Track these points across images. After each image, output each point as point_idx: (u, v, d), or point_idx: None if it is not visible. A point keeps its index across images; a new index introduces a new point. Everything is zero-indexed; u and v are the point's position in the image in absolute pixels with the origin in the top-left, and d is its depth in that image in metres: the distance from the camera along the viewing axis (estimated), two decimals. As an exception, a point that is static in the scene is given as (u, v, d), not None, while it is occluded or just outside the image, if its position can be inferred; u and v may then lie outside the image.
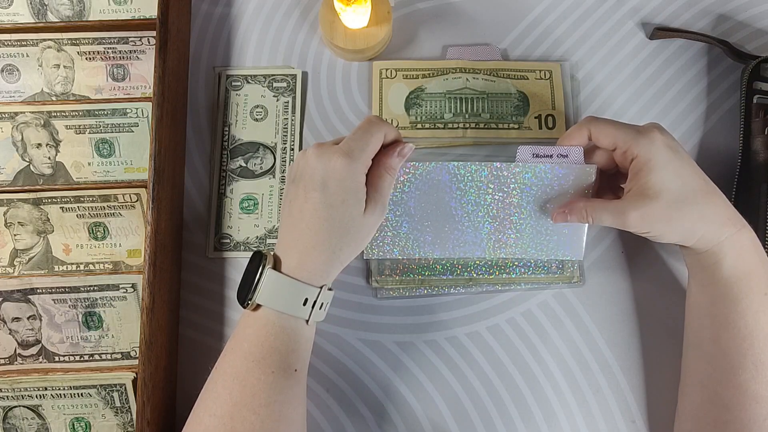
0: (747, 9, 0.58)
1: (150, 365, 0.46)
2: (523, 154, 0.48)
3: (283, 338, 0.42)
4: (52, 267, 0.52)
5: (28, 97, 0.55)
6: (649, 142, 0.43)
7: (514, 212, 0.50)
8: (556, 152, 0.48)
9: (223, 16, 0.59)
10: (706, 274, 0.44)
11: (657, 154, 0.42)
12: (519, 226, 0.50)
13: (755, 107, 0.52)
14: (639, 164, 0.43)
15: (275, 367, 0.41)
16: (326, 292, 0.43)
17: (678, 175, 0.42)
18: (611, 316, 0.51)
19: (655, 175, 0.42)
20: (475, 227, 0.50)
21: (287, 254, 0.43)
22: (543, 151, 0.48)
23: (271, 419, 0.40)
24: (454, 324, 0.52)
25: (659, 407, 0.49)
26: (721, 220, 0.43)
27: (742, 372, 0.42)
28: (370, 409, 0.50)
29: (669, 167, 0.42)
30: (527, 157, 0.48)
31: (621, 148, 0.45)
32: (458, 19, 0.59)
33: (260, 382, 0.41)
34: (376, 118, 0.45)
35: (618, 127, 0.45)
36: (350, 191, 0.42)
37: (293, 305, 0.42)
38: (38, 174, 0.53)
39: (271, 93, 0.56)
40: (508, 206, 0.50)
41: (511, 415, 0.50)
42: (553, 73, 0.56)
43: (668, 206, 0.42)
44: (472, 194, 0.50)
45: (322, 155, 0.42)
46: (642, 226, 0.43)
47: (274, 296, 0.42)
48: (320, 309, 0.43)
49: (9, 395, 0.48)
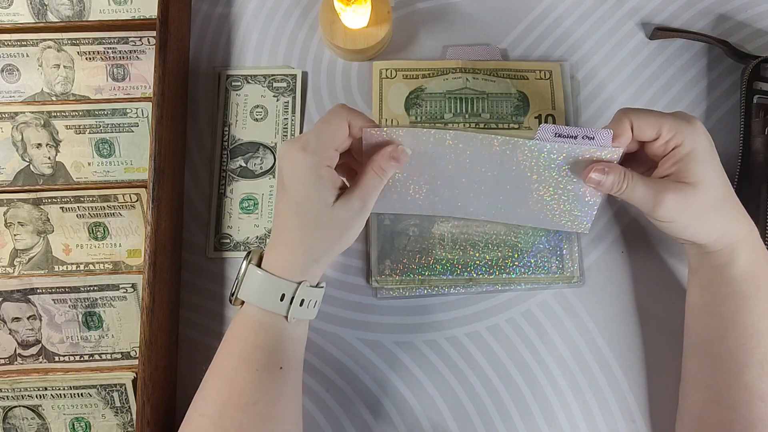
0: (747, 9, 0.58)
1: (150, 365, 0.46)
2: (544, 132, 0.43)
3: (265, 336, 0.42)
4: (52, 267, 0.52)
5: (28, 97, 0.55)
6: (696, 130, 0.42)
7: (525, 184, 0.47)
8: (581, 133, 0.43)
9: (223, 16, 0.59)
10: (714, 273, 0.44)
11: (702, 144, 0.42)
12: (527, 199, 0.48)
13: (755, 107, 0.52)
14: (681, 153, 0.42)
15: (259, 365, 0.41)
16: (308, 289, 0.43)
17: (714, 168, 0.42)
18: (611, 316, 0.51)
19: (699, 165, 0.42)
20: (484, 195, 0.48)
21: (270, 251, 0.44)
22: (566, 131, 0.43)
23: (260, 417, 0.41)
24: (454, 324, 0.52)
25: (659, 407, 0.49)
26: (738, 219, 0.43)
27: (748, 371, 0.42)
28: (369, 409, 0.50)
29: (709, 159, 0.42)
30: (548, 136, 0.43)
31: (665, 137, 0.42)
32: (458, 19, 0.59)
33: (246, 380, 0.41)
34: (339, 107, 0.43)
35: (661, 116, 0.43)
36: (310, 185, 0.42)
37: (270, 301, 0.42)
38: (38, 174, 0.53)
39: (271, 93, 0.56)
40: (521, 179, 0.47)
41: (511, 415, 0.50)
42: (553, 73, 0.56)
43: (704, 198, 0.42)
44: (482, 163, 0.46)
45: (286, 152, 0.42)
46: (673, 212, 0.42)
47: (253, 291, 0.42)
48: (302, 306, 0.43)
49: (9, 395, 0.48)
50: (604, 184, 0.43)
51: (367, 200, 0.43)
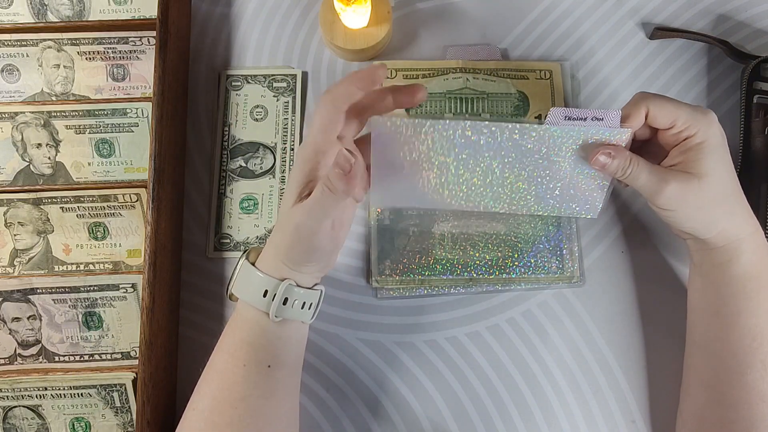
0: (747, 9, 0.58)
1: (150, 365, 0.46)
2: (554, 116, 0.44)
3: (251, 332, 0.42)
4: (52, 267, 0.52)
5: (28, 97, 0.55)
6: (709, 123, 0.42)
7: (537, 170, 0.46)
8: (590, 115, 0.44)
9: (223, 16, 0.59)
10: (716, 272, 0.44)
11: (714, 137, 0.42)
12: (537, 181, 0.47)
13: (755, 107, 0.52)
14: (692, 143, 0.42)
15: (246, 360, 0.41)
16: (292, 288, 0.42)
17: (724, 163, 0.42)
18: (611, 316, 0.51)
19: (707, 157, 0.41)
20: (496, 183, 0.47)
21: (264, 248, 0.44)
22: (576, 114, 0.44)
23: (249, 413, 0.41)
24: (454, 324, 0.52)
25: (659, 407, 0.49)
26: (744, 217, 0.43)
27: (750, 371, 0.41)
28: (369, 409, 0.50)
29: (719, 153, 0.42)
30: (558, 120, 0.44)
31: (679, 127, 0.42)
32: (458, 19, 0.59)
33: (235, 375, 0.41)
34: (324, 95, 0.41)
35: (678, 105, 0.43)
36: (290, 180, 0.43)
37: (253, 296, 0.42)
38: (38, 174, 0.53)
39: (271, 93, 0.56)
40: (531, 164, 0.46)
41: (511, 415, 0.50)
42: (553, 73, 0.56)
43: (708, 191, 0.41)
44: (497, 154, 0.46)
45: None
46: (674, 201, 0.42)
47: (241, 286, 0.43)
48: (286, 305, 0.42)
49: (9, 395, 0.48)
50: (610, 167, 0.43)
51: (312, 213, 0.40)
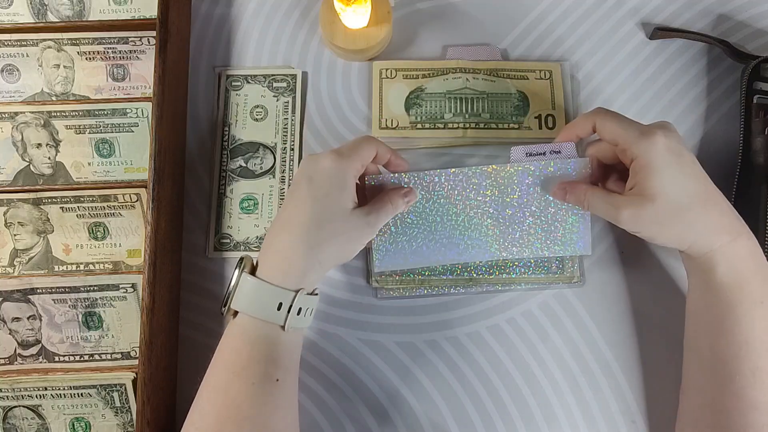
0: (747, 9, 0.58)
1: (150, 365, 0.46)
2: (516, 154, 0.50)
3: (261, 347, 0.41)
4: (52, 267, 0.52)
5: (28, 97, 0.55)
6: (650, 144, 0.42)
7: (516, 212, 0.50)
8: (548, 149, 0.49)
9: (223, 16, 0.59)
10: (702, 279, 0.44)
11: (656, 158, 0.42)
12: (522, 225, 0.50)
13: (755, 107, 0.52)
14: (638, 166, 0.43)
15: (255, 379, 0.40)
16: (305, 297, 0.42)
17: (675, 180, 0.42)
18: (611, 316, 0.51)
19: (653, 178, 0.42)
20: (480, 231, 0.50)
21: (265, 257, 0.43)
22: (535, 150, 0.50)
23: (255, 431, 0.40)
24: (454, 324, 0.52)
25: (659, 407, 0.49)
26: (715, 228, 0.42)
27: (739, 379, 0.41)
28: (369, 409, 0.50)
29: (667, 172, 0.42)
30: (521, 157, 0.50)
31: (621, 146, 0.44)
32: (458, 19, 0.59)
33: (241, 394, 0.40)
34: (370, 136, 0.47)
35: (622, 125, 0.44)
36: (335, 185, 0.43)
37: (267, 310, 0.41)
38: (38, 174, 0.53)
39: (271, 93, 0.56)
40: (508, 206, 0.50)
41: (511, 415, 0.50)
42: (553, 73, 0.56)
43: (662, 211, 0.42)
44: (472, 199, 0.50)
45: (312, 157, 0.44)
46: (633, 225, 0.43)
47: (248, 301, 0.42)
48: (299, 314, 0.42)
49: (9, 395, 0.48)
50: (569, 200, 0.48)
51: (379, 220, 0.46)
